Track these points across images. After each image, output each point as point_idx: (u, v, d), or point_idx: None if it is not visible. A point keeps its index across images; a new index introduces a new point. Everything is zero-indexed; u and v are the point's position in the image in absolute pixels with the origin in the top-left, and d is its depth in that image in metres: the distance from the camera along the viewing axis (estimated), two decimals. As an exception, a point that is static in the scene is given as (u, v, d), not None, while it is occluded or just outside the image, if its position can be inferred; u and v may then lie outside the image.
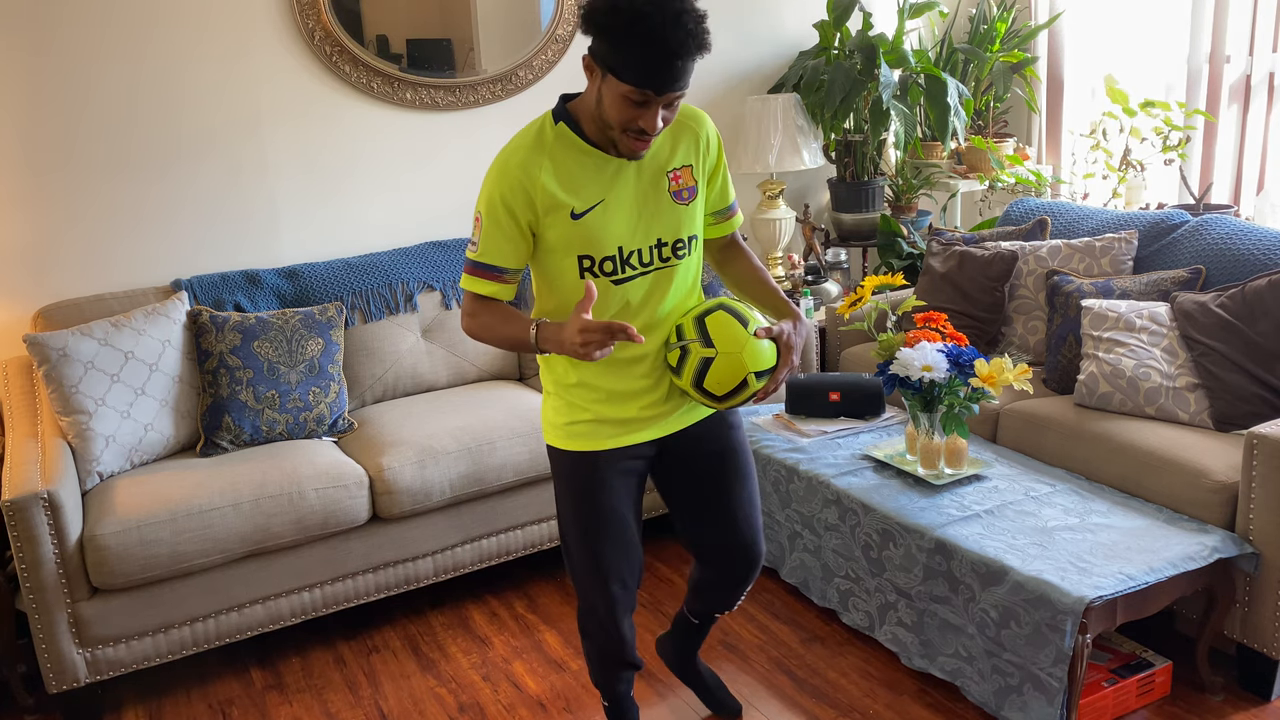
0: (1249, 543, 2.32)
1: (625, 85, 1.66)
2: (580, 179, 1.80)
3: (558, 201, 1.78)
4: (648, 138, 1.74)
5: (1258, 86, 3.53)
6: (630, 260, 1.85)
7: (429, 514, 2.89)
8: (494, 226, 1.79)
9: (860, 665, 2.64)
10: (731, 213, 2.06)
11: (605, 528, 1.99)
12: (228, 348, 2.93)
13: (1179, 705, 2.40)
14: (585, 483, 1.98)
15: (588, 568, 2.03)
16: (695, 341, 1.85)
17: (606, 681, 2.22)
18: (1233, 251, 2.88)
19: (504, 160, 1.79)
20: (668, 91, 1.67)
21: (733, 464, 2.08)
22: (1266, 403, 2.57)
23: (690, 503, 2.11)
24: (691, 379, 1.86)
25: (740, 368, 1.82)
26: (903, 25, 3.96)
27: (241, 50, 3.25)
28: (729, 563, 2.15)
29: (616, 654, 2.14)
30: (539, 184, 1.77)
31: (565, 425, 1.98)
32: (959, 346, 2.53)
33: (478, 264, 1.83)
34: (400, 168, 3.56)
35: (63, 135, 3.05)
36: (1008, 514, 2.46)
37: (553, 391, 1.99)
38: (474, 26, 3.59)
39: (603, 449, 1.96)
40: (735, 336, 1.83)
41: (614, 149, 1.79)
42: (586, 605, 2.10)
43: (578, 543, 2.03)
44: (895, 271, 3.84)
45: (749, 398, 1.87)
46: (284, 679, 2.74)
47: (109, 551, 2.46)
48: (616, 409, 1.94)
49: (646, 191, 1.85)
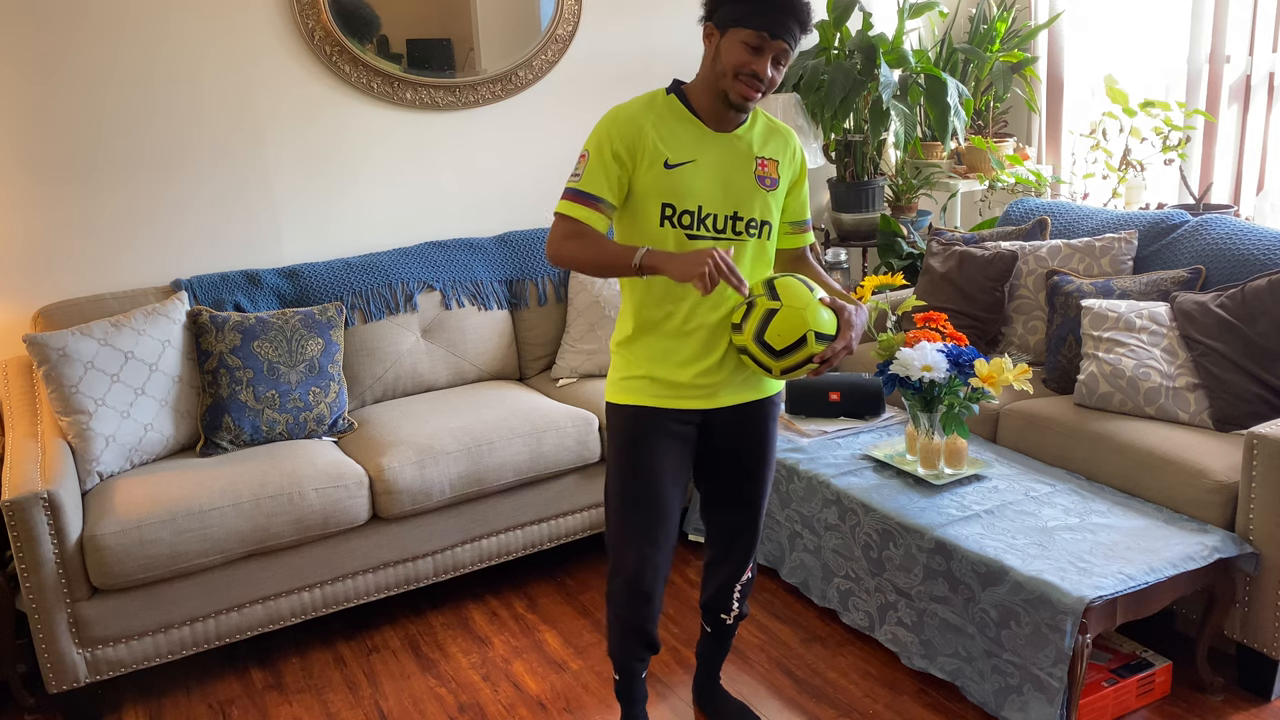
0: (1249, 543, 2.32)
1: (745, 30, 1.88)
2: (679, 138, 1.99)
3: (656, 150, 1.97)
4: (759, 84, 1.92)
5: (1258, 86, 3.53)
6: (706, 221, 2.00)
7: (429, 514, 2.89)
8: (598, 161, 1.97)
9: (860, 665, 2.64)
10: (806, 227, 2.21)
11: (641, 482, 2.05)
12: (228, 348, 2.93)
13: (1179, 705, 2.40)
14: (629, 435, 2.08)
15: (619, 522, 2.09)
16: (762, 296, 1.96)
17: (622, 653, 2.19)
18: (1233, 251, 2.88)
19: (616, 111, 2.01)
20: (781, 38, 1.88)
21: (768, 453, 2.20)
22: (1266, 403, 2.57)
23: (719, 480, 2.20)
24: (754, 330, 1.95)
25: (802, 323, 1.92)
26: (903, 25, 3.96)
27: (241, 50, 3.24)
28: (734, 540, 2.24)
29: (637, 622, 2.12)
30: (643, 132, 1.97)
31: (619, 380, 2.10)
32: (959, 346, 2.53)
33: (578, 191, 1.97)
34: (400, 167, 3.56)
35: (62, 136, 3.05)
36: (1008, 514, 2.46)
37: (614, 350, 2.14)
38: (474, 26, 3.59)
39: (650, 405, 2.06)
40: (800, 294, 1.95)
41: (725, 104, 1.96)
42: (615, 565, 2.11)
43: (614, 497, 2.10)
44: (895, 271, 3.84)
45: (804, 361, 1.95)
46: (284, 679, 2.74)
47: (109, 551, 2.46)
48: (670, 371, 2.05)
49: (736, 166, 2.02)
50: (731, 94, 1.93)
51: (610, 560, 2.13)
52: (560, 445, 3.01)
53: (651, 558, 2.07)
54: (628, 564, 2.07)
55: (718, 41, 1.93)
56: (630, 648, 2.17)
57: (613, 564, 2.13)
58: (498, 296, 3.51)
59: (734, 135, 2.02)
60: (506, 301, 3.53)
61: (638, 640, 2.16)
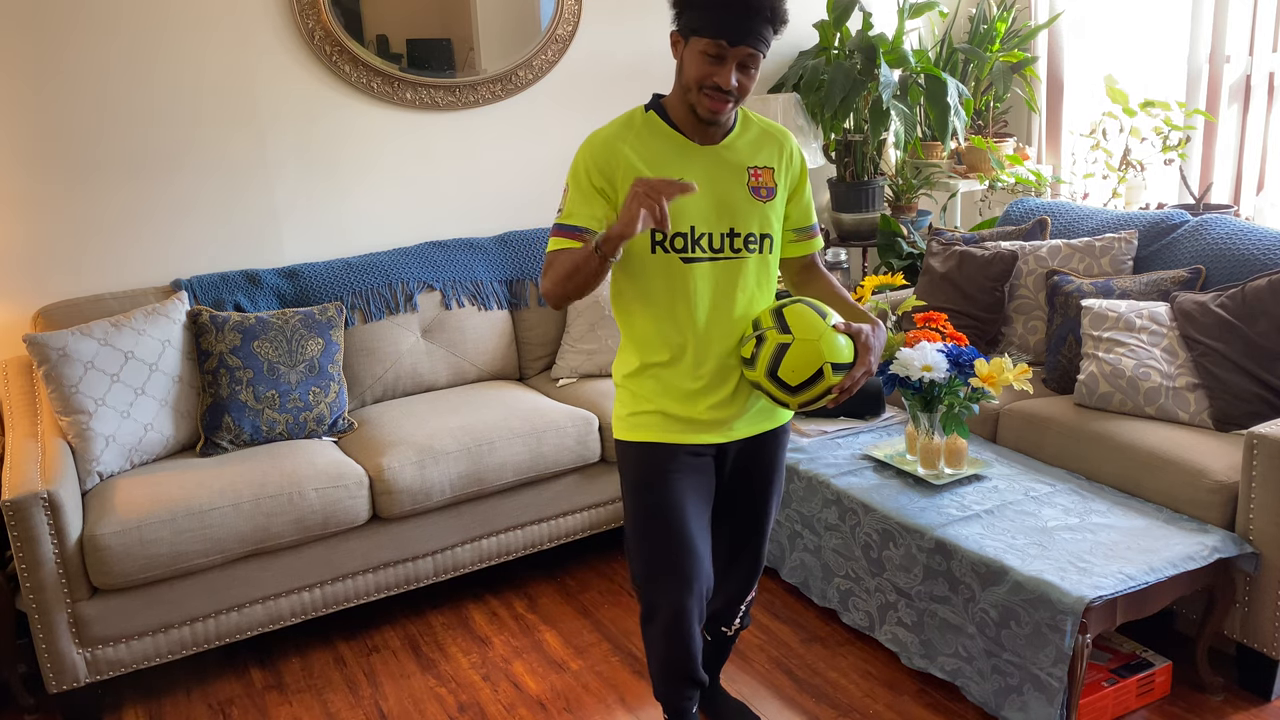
0: (1249, 543, 2.32)
1: (704, 40, 1.77)
2: (661, 157, 1.90)
3: (637, 172, 1.87)
4: (724, 97, 1.81)
5: (1258, 86, 3.53)
6: (700, 242, 1.90)
7: (429, 514, 2.89)
8: (578, 192, 1.90)
9: (860, 665, 2.64)
10: (812, 233, 2.11)
11: (665, 523, 1.95)
12: (228, 348, 2.93)
13: (1179, 705, 2.40)
14: (644, 473, 1.98)
15: (647, 566, 1.99)
16: (772, 329, 1.86)
17: (670, 695, 2.11)
18: (1233, 251, 2.88)
19: (592, 138, 1.93)
20: (741, 44, 1.76)
21: (776, 481, 2.14)
22: (1266, 403, 2.57)
23: (728, 506, 2.13)
24: (766, 367, 1.85)
25: (817, 355, 1.82)
26: (903, 25, 3.96)
27: (241, 50, 3.24)
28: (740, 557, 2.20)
29: (680, 664, 2.03)
30: (621, 155, 1.88)
31: (628, 416, 2.01)
32: (959, 346, 2.53)
33: (562, 225, 1.90)
34: (400, 167, 3.56)
35: (62, 136, 3.05)
36: (1008, 514, 2.46)
37: (619, 384, 2.04)
38: (474, 26, 3.59)
39: (663, 441, 1.97)
40: (813, 324, 1.84)
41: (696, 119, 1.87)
42: (647, 608, 2.02)
43: (638, 540, 1.99)
44: (895, 271, 3.84)
45: (823, 394, 1.85)
46: (284, 679, 2.74)
47: (109, 551, 2.46)
48: (681, 406, 1.96)
49: (726, 180, 1.92)
50: (699, 108, 1.84)
51: (641, 602, 2.04)
52: (560, 445, 3.01)
53: (685, 600, 1.96)
54: (662, 608, 1.98)
55: (682, 51, 1.84)
56: (677, 689, 2.09)
57: (645, 608, 2.03)
58: (498, 296, 3.51)
59: (722, 146, 1.92)
60: (506, 301, 3.54)
61: (684, 681, 2.07)
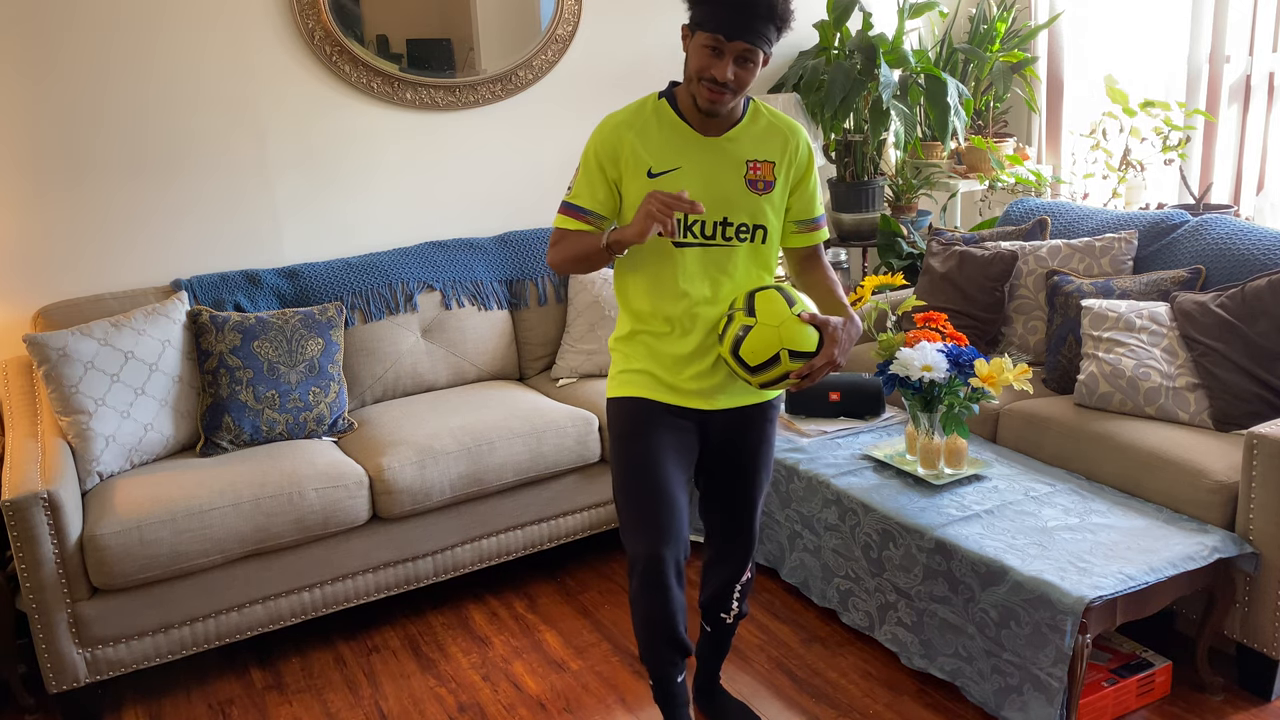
0: (1249, 543, 2.32)
1: (704, 34, 1.87)
2: (664, 145, 2.00)
3: (640, 159, 1.99)
4: (721, 89, 1.89)
5: (1258, 86, 3.53)
6: (693, 228, 2.01)
7: (429, 514, 2.89)
8: (586, 174, 2.03)
9: (860, 665, 2.64)
10: (817, 225, 2.17)
11: (645, 473, 2.04)
12: (228, 348, 2.93)
13: (1179, 705, 2.40)
14: (628, 426, 2.09)
15: (629, 517, 2.06)
16: (741, 311, 1.98)
17: (653, 659, 2.12)
18: (1233, 251, 2.88)
19: (605, 122, 2.05)
20: (737, 39, 1.84)
21: (765, 455, 2.20)
22: (1266, 403, 2.57)
23: (716, 479, 2.21)
24: (730, 345, 1.97)
25: (776, 341, 1.92)
26: (903, 25, 3.96)
27: (241, 50, 3.24)
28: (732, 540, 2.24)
29: (660, 622, 2.05)
30: (626, 142, 2.00)
31: (618, 374, 2.13)
32: (959, 346, 2.53)
33: (568, 204, 2.05)
34: (400, 167, 3.56)
35: (62, 136, 3.05)
36: (1007, 514, 2.46)
37: (613, 347, 2.17)
38: (474, 26, 3.59)
39: (648, 398, 2.08)
40: (777, 311, 1.95)
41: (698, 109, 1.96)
42: (631, 563, 2.06)
43: (621, 492, 2.09)
44: (895, 271, 3.84)
45: (782, 377, 1.95)
46: (284, 679, 2.74)
47: (109, 551, 2.46)
48: (667, 372, 2.08)
49: (724, 171, 2.02)
50: (698, 99, 1.94)
51: (628, 562, 2.09)
52: (560, 445, 3.01)
53: (660, 548, 2.00)
54: (639, 557, 2.03)
55: (689, 44, 1.94)
56: (658, 650, 2.10)
57: (630, 566, 2.08)
58: (498, 296, 3.51)
59: (725, 139, 2.02)
60: (506, 301, 3.54)
61: (664, 642, 2.09)
